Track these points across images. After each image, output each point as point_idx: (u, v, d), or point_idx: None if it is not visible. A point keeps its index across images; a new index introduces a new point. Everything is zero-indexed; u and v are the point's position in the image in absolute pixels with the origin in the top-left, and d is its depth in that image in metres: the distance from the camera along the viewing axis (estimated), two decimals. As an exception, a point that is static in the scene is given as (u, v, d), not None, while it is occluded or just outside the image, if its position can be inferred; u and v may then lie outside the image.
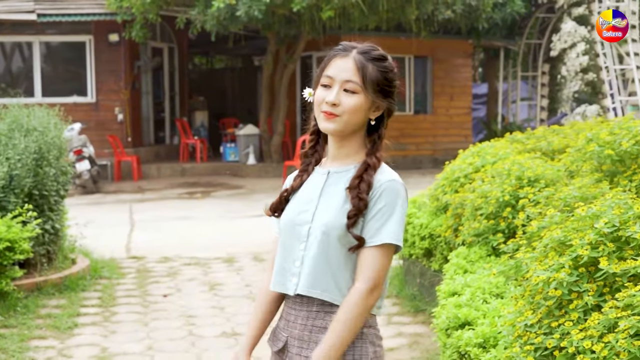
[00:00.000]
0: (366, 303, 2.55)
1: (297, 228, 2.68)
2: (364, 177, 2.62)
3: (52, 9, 17.94)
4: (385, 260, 2.59)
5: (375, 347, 2.66)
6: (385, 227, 2.57)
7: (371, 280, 2.55)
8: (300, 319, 2.67)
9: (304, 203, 2.71)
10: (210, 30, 16.28)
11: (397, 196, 2.62)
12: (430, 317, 6.61)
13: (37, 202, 7.82)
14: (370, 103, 2.65)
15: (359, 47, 2.75)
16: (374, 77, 2.65)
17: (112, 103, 18.86)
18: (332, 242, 2.60)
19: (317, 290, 2.62)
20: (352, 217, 2.57)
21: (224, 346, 6.22)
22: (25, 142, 7.84)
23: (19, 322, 6.73)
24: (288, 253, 2.70)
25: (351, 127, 2.66)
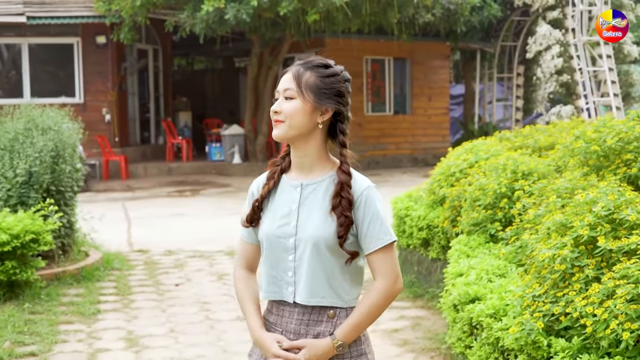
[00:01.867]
0: (393, 292, 2.83)
1: (281, 241, 2.83)
2: (343, 195, 2.78)
3: (41, 11, 18.31)
4: (393, 253, 2.84)
5: (366, 331, 2.90)
6: (382, 229, 2.80)
7: (393, 274, 2.82)
8: (296, 315, 2.83)
9: (282, 216, 2.86)
10: (199, 33, 16.73)
11: (377, 200, 2.83)
12: (428, 302, 7.19)
13: (54, 197, 8.25)
14: (310, 106, 2.78)
15: (304, 60, 2.89)
16: (310, 82, 2.79)
17: (100, 104, 19.25)
18: (324, 252, 2.78)
19: (316, 298, 2.81)
20: (342, 236, 2.77)
21: (240, 329, 6.71)
22: (43, 141, 8.28)
23: (44, 309, 7.19)
24: (276, 264, 2.85)
25: (295, 130, 2.80)
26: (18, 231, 7.22)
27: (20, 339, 6.33)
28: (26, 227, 7.29)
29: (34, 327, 6.65)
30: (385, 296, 2.82)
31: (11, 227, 7.25)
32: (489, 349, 4.30)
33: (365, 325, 2.83)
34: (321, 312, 2.82)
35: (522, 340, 3.81)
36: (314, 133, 2.82)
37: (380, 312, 2.86)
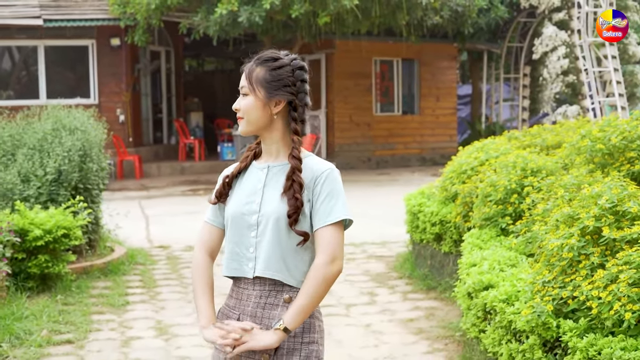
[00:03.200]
0: (328, 271, 2.84)
1: (245, 217, 2.94)
2: (294, 179, 2.88)
3: (57, 14, 18.70)
4: (341, 234, 2.89)
5: (319, 321, 2.98)
6: (336, 207, 2.88)
7: (331, 252, 2.85)
8: (253, 297, 2.93)
9: (248, 195, 2.98)
10: (213, 35, 17.09)
11: (338, 181, 2.93)
12: (441, 293, 7.55)
13: (82, 194, 8.63)
14: (263, 100, 2.92)
15: (257, 56, 3.01)
16: (260, 77, 2.92)
17: (114, 104, 19.62)
18: (283, 229, 2.88)
19: (270, 271, 2.89)
20: (291, 216, 2.86)
21: (263, 318, 7.06)
22: (71, 141, 8.65)
23: (76, 300, 7.57)
24: (239, 241, 2.95)
25: (255, 125, 2.95)
26: (50, 227, 7.60)
27: (56, 328, 6.70)
28: (58, 223, 7.67)
29: (68, 317, 7.02)
30: (320, 275, 2.85)
31: (44, 222, 7.63)
32: (502, 331, 4.65)
33: (308, 308, 2.84)
34: (277, 295, 2.90)
35: (533, 322, 4.15)
36: (273, 123, 2.95)
37: (319, 292, 2.86)
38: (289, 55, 3.01)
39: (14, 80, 20.30)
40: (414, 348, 6.27)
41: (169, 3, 17.06)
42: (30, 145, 8.79)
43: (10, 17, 18.53)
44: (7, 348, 6.16)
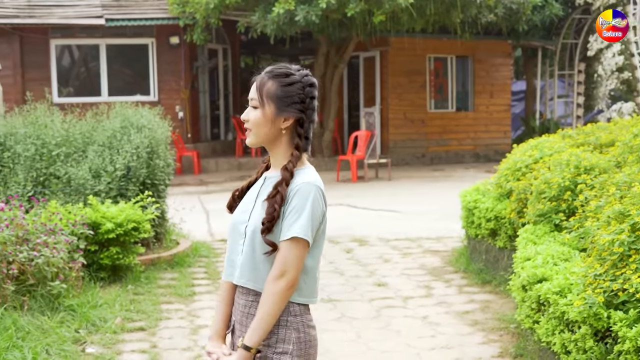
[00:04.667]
0: (276, 288, 2.85)
1: (238, 226, 3.01)
2: (279, 190, 2.90)
3: (118, 14, 19.23)
4: (296, 251, 2.86)
5: (299, 333, 2.94)
6: (296, 223, 2.86)
7: (279, 269, 2.86)
8: (240, 307, 3.01)
9: (245, 204, 3.05)
10: (270, 34, 17.44)
11: (307, 197, 2.88)
12: (496, 287, 7.78)
13: (149, 189, 9.02)
14: (272, 114, 2.94)
15: (269, 68, 3.02)
16: (271, 91, 2.94)
17: (173, 102, 20.09)
18: (258, 240, 2.91)
19: (244, 279, 2.97)
20: (265, 224, 2.88)
21: (324, 309, 7.38)
22: (139, 138, 9.04)
23: (145, 290, 7.95)
24: (233, 247, 3.03)
25: (262, 138, 2.98)
26: (121, 220, 7.99)
27: (128, 316, 7.09)
28: (128, 217, 8.06)
29: (138, 306, 7.41)
30: (268, 289, 2.87)
31: (115, 216, 8.02)
32: (555, 322, 4.90)
33: (264, 322, 2.87)
34: (254, 305, 2.95)
35: (585, 313, 4.40)
36: (280, 138, 2.98)
37: (270, 307, 2.86)
38: (300, 70, 3.02)
39: (73, 78, 20.87)
40: (469, 339, 6.52)
41: (227, 2, 17.45)
42: (100, 142, 9.20)
43: (73, 17, 19.10)
44: (85, 334, 6.56)
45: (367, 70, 21.82)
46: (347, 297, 7.87)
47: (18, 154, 8.95)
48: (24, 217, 7.19)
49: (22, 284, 6.78)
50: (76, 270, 7.29)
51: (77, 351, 6.16)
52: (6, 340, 5.77)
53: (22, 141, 9.08)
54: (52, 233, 7.24)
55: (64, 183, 8.80)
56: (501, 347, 6.26)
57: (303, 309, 2.99)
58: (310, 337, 3.00)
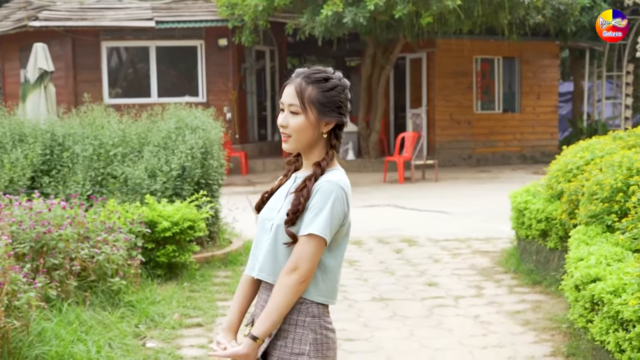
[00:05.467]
0: (287, 281, 2.87)
1: (265, 222, 3.05)
2: (307, 184, 2.94)
3: (168, 16, 19.52)
4: (311, 248, 2.89)
5: (316, 334, 2.95)
6: (315, 220, 2.88)
7: (292, 263, 2.89)
8: (262, 301, 3.04)
9: (275, 202, 3.08)
10: (318, 36, 17.59)
11: (329, 195, 2.90)
12: (547, 287, 7.84)
13: (204, 189, 9.21)
14: (314, 120, 2.95)
15: (304, 72, 3.01)
16: (313, 98, 2.95)
17: (222, 103, 20.32)
18: (281, 234, 2.95)
19: (264, 273, 3.00)
20: (289, 215, 2.92)
21: (376, 308, 7.50)
22: (193, 139, 9.24)
23: (201, 287, 8.14)
24: (258, 243, 3.07)
25: (303, 143, 2.99)
26: (177, 219, 8.18)
27: (185, 312, 7.27)
28: (184, 216, 8.25)
29: (195, 302, 7.59)
30: (280, 282, 2.90)
31: (171, 215, 8.22)
32: (609, 321, 4.97)
33: (273, 314, 2.89)
34: None
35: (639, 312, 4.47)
36: (319, 141, 3.01)
37: (280, 300, 2.88)
38: (335, 72, 3.03)
39: (121, 79, 21.20)
40: (521, 338, 6.60)
41: (276, 4, 17.63)
42: (155, 143, 9.41)
43: (124, 19, 19.43)
44: (144, 329, 6.75)
45: (413, 71, 21.87)
46: (398, 296, 7.98)
47: (77, 154, 9.19)
48: (84, 215, 7.42)
49: (84, 280, 6.99)
50: (135, 267, 7.49)
51: (137, 345, 6.34)
52: (71, 333, 5.96)
53: (81, 141, 9.33)
54: (111, 231, 7.45)
55: (120, 182, 9.03)
56: (553, 347, 6.33)
57: (322, 311, 2.99)
58: (328, 339, 2.99)
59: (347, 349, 6.36)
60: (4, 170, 8.79)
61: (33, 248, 6.63)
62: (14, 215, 6.86)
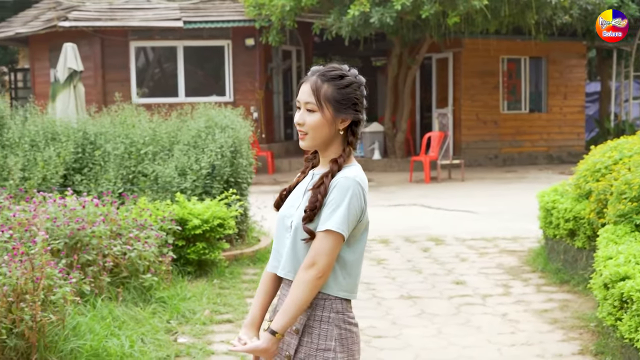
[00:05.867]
0: (306, 277, 2.90)
1: (285, 220, 3.07)
2: (324, 181, 2.96)
3: (196, 16, 19.67)
4: (328, 244, 2.91)
5: (341, 330, 2.99)
6: (332, 216, 2.90)
7: (310, 259, 2.91)
8: (284, 297, 3.06)
9: (293, 199, 3.10)
10: (345, 36, 17.65)
11: (346, 191, 2.92)
12: (574, 287, 7.86)
13: (233, 187, 9.30)
14: (330, 117, 2.98)
15: (320, 70, 3.04)
16: (329, 95, 2.97)
17: (248, 102, 20.44)
18: (300, 231, 2.97)
19: (285, 271, 3.04)
20: (307, 212, 2.94)
21: (404, 306, 7.56)
22: (223, 138, 9.33)
23: (230, 285, 8.23)
24: (280, 241, 3.10)
25: (320, 140, 3.02)
26: (207, 217, 8.28)
27: (216, 309, 7.37)
28: (214, 213, 8.35)
29: (225, 299, 7.68)
30: (298, 277, 2.93)
31: (201, 213, 8.32)
32: (639, 319, 5.00)
33: (291, 309, 2.92)
34: None
35: (669, 310, 4.51)
36: (335, 138, 3.04)
37: (298, 295, 2.91)
38: (351, 70, 3.07)
39: (147, 79, 21.37)
40: (549, 336, 6.63)
41: (303, 5, 17.72)
42: (185, 142, 9.52)
43: (153, 20, 19.60)
44: (176, 324, 6.85)
45: (439, 71, 21.88)
46: (426, 294, 8.03)
47: (108, 153, 9.32)
48: (116, 212, 7.53)
49: (116, 276, 7.10)
50: (166, 264, 7.60)
51: (169, 341, 6.44)
52: (105, 328, 6.07)
53: (112, 140, 9.45)
54: (142, 228, 7.56)
55: (151, 181, 9.14)
56: (581, 345, 6.36)
57: (345, 306, 3.02)
58: (352, 333, 3.03)
59: (377, 346, 6.43)
60: (38, 168, 8.93)
61: (67, 244, 6.75)
62: (48, 212, 6.98)
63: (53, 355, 5.52)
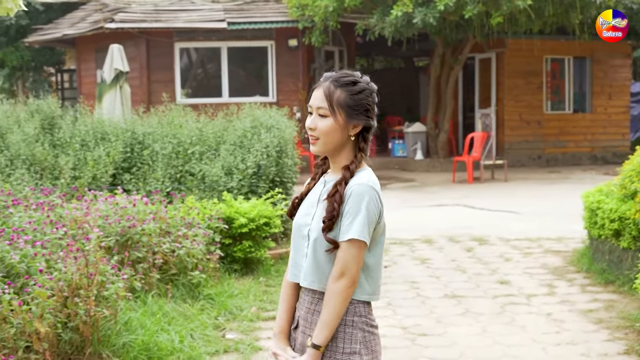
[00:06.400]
0: (338, 288, 2.94)
1: (302, 229, 3.09)
2: (338, 189, 2.97)
3: (240, 17, 19.84)
4: (353, 252, 2.95)
5: (364, 332, 3.02)
6: (352, 225, 2.92)
7: (339, 270, 2.95)
8: (306, 303, 3.09)
9: (307, 207, 3.12)
10: (388, 36, 17.70)
11: (362, 198, 2.93)
12: (619, 287, 7.86)
13: (278, 187, 9.42)
14: (342, 123, 3.00)
15: (333, 76, 3.07)
16: (341, 101, 3.00)
17: (291, 103, 20.55)
18: (320, 242, 2.99)
19: (307, 281, 3.05)
20: (325, 223, 2.96)
21: (449, 305, 7.61)
22: (268, 138, 9.46)
23: (276, 282, 8.34)
24: (297, 249, 3.12)
25: (331, 146, 3.02)
26: (254, 215, 8.40)
27: (262, 306, 7.49)
28: (260, 212, 8.47)
29: (271, 297, 7.80)
30: (330, 290, 2.97)
31: (248, 211, 8.44)
32: (685, 319, 5.02)
33: (329, 321, 2.96)
34: (320, 303, 3.04)
35: None
36: (347, 144, 3.05)
37: (333, 306, 2.96)
38: (363, 77, 3.11)
39: (191, 79, 21.59)
40: (594, 336, 6.64)
41: (346, 5, 17.80)
42: (231, 142, 9.66)
43: (197, 21, 19.81)
44: (224, 321, 6.98)
45: (482, 71, 21.83)
46: (470, 293, 8.07)
47: (156, 152, 9.48)
48: (165, 211, 7.68)
49: (165, 273, 7.25)
50: (213, 261, 7.73)
51: (218, 336, 6.57)
52: (155, 324, 6.21)
53: (160, 140, 9.61)
54: (190, 226, 7.70)
55: (198, 180, 9.29)
56: (627, 345, 6.37)
57: (367, 309, 3.05)
58: (375, 335, 3.06)
59: (422, 344, 6.50)
60: (88, 168, 9.12)
61: (118, 242, 6.90)
62: (100, 210, 7.15)
63: (106, 349, 5.67)
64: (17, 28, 24.94)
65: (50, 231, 6.32)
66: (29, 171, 9.06)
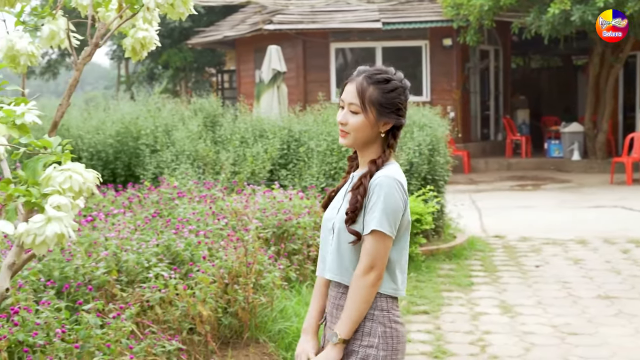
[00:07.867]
0: (363, 282, 2.92)
1: (327, 223, 3.11)
2: (362, 182, 2.96)
3: (394, 17, 20.03)
4: (379, 245, 2.92)
5: (385, 327, 2.98)
6: (376, 217, 2.90)
7: (367, 263, 2.92)
8: (332, 298, 3.09)
9: (336, 201, 3.13)
10: (545, 34, 17.46)
11: (385, 190, 2.91)
12: None
13: (430, 184, 9.53)
14: (373, 120, 2.97)
15: (367, 71, 3.04)
16: (373, 98, 2.97)
17: (445, 102, 20.55)
18: (343, 234, 2.99)
19: (331, 273, 3.05)
20: (348, 214, 2.95)
21: (602, 305, 7.53)
22: (421, 136, 9.58)
23: (426, 278, 8.48)
24: (325, 243, 3.13)
25: (361, 141, 3.02)
26: (405, 212, 8.54)
27: (412, 300, 7.64)
28: (412, 209, 8.61)
29: (421, 292, 7.94)
30: (356, 284, 2.94)
31: (399, 208, 8.59)
32: None
33: (354, 315, 2.94)
34: (344, 297, 3.02)
35: None
36: (376, 140, 3.03)
37: (360, 301, 2.93)
38: (396, 73, 3.06)
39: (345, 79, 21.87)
40: None
41: (502, 4, 17.67)
42: (385, 140, 9.82)
43: (353, 22, 20.14)
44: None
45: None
46: (624, 294, 7.94)
47: (311, 149, 9.77)
48: (320, 205, 7.94)
49: (319, 265, 7.49)
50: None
51: (368, 328, 6.75)
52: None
53: (315, 137, 9.90)
54: (344, 221, 7.92)
55: (352, 176, 9.50)
56: None
57: (391, 304, 3.02)
58: (397, 332, 3.01)
59: (572, 342, 6.48)
60: (247, 163, 9.51)
61: (275, 233, 7.21)
62: (258, 203, 7.49)
63: (263, 335, 5.96)
64: (180, 30, 26.11)
65: (212, 222, 6.70)
66: (192, 166, 9.54)
